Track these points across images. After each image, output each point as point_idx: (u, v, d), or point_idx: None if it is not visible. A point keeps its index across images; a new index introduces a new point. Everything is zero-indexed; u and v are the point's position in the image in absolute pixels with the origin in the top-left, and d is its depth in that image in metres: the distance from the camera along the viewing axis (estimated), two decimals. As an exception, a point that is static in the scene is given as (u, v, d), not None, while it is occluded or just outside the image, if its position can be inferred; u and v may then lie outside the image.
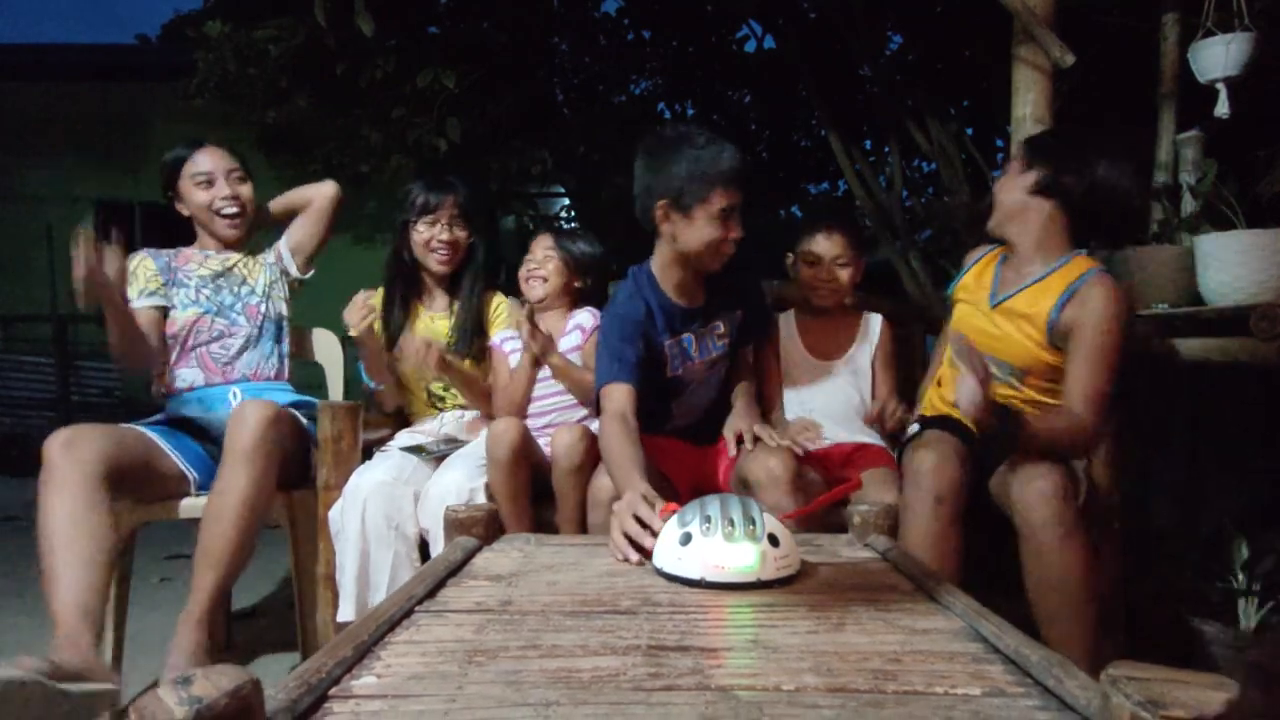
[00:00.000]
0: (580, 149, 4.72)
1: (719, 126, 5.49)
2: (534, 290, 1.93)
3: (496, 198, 4.27)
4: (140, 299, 1.90)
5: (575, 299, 1.97)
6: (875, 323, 1.91)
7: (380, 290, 1.99)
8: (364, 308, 1.79)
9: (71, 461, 1.51)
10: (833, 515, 1.42)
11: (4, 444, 5.49)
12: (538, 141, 4.27)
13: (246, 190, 1.97)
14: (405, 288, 1.99)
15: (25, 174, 6.45)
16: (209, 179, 1.93)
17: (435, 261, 1.94)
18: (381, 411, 2.01)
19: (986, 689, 0.64)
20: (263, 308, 1.98)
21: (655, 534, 1.05)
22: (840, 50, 4.05)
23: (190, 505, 1.70)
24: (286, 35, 3.61)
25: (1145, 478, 2.31)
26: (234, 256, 2.00)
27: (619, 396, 1.50)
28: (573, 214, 5.56)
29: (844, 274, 1.83)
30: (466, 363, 1.94)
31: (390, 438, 1.94)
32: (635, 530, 1.08)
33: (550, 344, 1.77)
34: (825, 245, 1.83)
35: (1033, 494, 1.33)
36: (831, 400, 1.85)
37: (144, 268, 1.92)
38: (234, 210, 1.94)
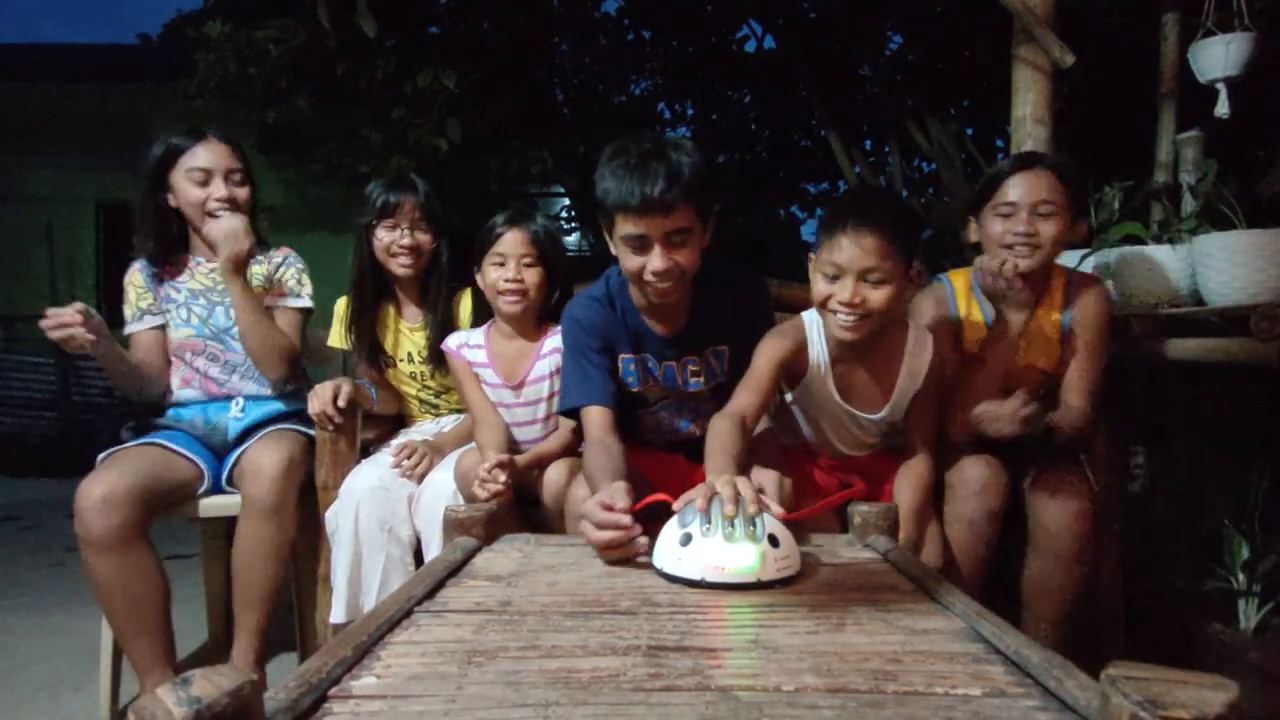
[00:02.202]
0: (580, 149, 4.71)
1: (719, 126, 5.49)
2: (509, 306, 1.65)
3: (496, 198, 4.26)
4: (135, 321, 1.85)
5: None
6: (925, 351, 1.45)
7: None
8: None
9: (111, 528, 1.51)
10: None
11: (4, 444, 5.50)
12: (538, 141, 4.26)
13: (244, 194, 1.82)
14: (377, 296, 1.91)
15: (25, 174, 6.45)
16: (205, 176, 1.78)
17: (398, 267, 1.83)
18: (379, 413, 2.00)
19: (987, 689, 0.64)
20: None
21: (623, 523, 1.05)
22: (840, 50, 4.05)
23: (209, 505, 1.71)
24: (287, 35, 3.61)
25: (1145, 478, 2.31)
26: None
27: (595, 421, 1.43)
28: (573, 214, 5.56)
29: (877, 295, 1.29)
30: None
31: (389, 436, 1.94)
32: (605, 519, 1.06)
33: (516, 471, 1.52)
34: (853, 252, 1.28)
35: (1064, 511, 1.44)
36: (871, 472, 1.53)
37: (134, 284, 1.85)
38: (226, 212, 1.78)
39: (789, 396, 1.56)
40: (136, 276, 1.86)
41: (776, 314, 1.95)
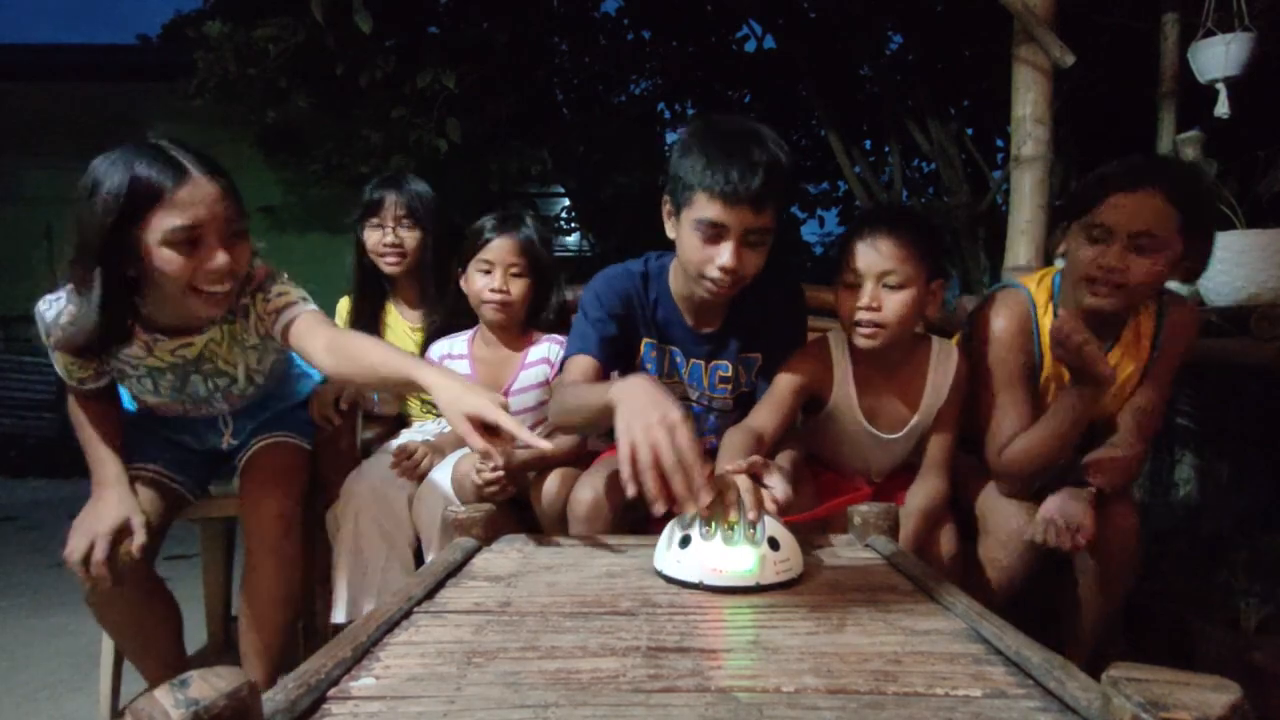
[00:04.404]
0: (580, 149, 4.72)
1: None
2: (493, 314, 1.63)
3: (496, 198, 4.26)
4: (75, 382, 1.40)
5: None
6: (950, 365, 1.39)
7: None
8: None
9: (125, 604, 1.42)
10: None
11: (4, 444, 5.49)
12: (538, 141, 4.27)
13: (245, 254, 1.28)
14: (378, 296, 1.90)
15: (25, 174, 6.45)
16: (194, 236, 1.19)
17: (386, 265, 1.82)
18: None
19: (987, 690, 0.64)
20: (249, 390, 1.56)
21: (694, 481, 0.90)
22: (840, 50, 4.05)
23: (208, 506, 1.66)
24: (286, 35, 3.61)
25: (1145, 478, 2.31)
26: (200, 339, 1.41)
27: (578, 367, 1.34)
28: (573, 214, 5.56)
29: (895, 301, 1.28)
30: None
31: (390, 436, 1.93)
32: (681, 490, 0.89)
33: (512, 463, 1.45)
34: (871, 257, 1.28)
35: (1112, 536, 1.31)
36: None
37: (62, 363, 1.37)
38: (225, 289, 1.26)
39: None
40: (61, 356, 1.35)
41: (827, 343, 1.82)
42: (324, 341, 1.34)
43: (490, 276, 1.62)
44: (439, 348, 1.73)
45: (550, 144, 4.33)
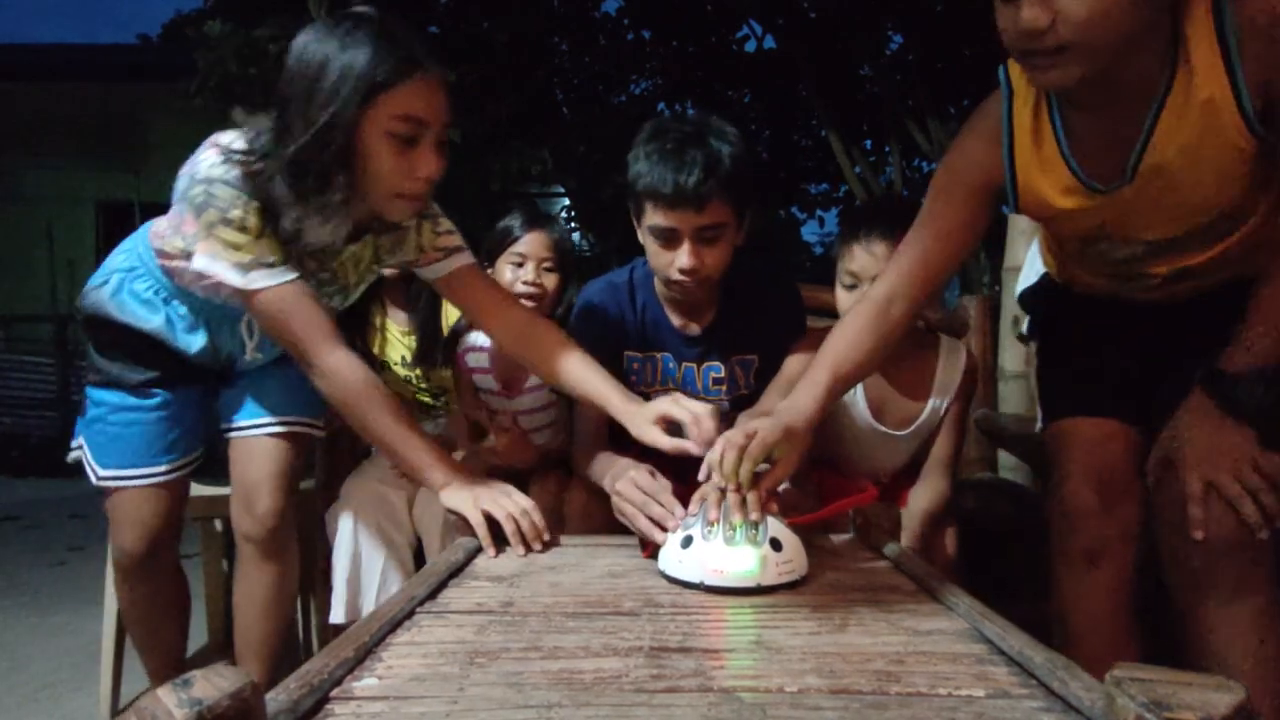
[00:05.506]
0: (580, 149, 4.74)
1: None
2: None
3: (497, 198, 4.27)
4: (274, 272, 1.12)
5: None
6: (959, 363, 1.39)
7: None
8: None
9: (150, 585, 1.41)
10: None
11: (4, 444, 5.50)
12: (538, 141, 4.28)
13: (444, 166, 1.16)
14: (363, 298, 1.75)
15: (25, 174, 6.45)
16: (416, 131, 1.09)
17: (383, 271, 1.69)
18: None
19: (990, 690, 0.64)
20: (338, 306, 1.40)
21: (664, 504, 1.03)
22: (840, 50, 4.06)
23: (198, 506, 1.62)
24: (286, 34, 3.61)
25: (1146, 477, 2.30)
26: (350, 249, 1.26)
27: (590, 422, 1.39)
28: (573, 214, 5.56)
29: None
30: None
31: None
32: (659, 512, 1.04)
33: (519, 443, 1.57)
34: (865, 260, 1.28)
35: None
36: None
37: (253, 229, 1.11)
38: (425, 195, 1.17)
39: None
40: (254, 218, 1.11)
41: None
42: (513, 322, 1.33)
43: (523, 269, 1.61)
44: (463, 342, 1.72)
45: (550, 144, 4.35)
